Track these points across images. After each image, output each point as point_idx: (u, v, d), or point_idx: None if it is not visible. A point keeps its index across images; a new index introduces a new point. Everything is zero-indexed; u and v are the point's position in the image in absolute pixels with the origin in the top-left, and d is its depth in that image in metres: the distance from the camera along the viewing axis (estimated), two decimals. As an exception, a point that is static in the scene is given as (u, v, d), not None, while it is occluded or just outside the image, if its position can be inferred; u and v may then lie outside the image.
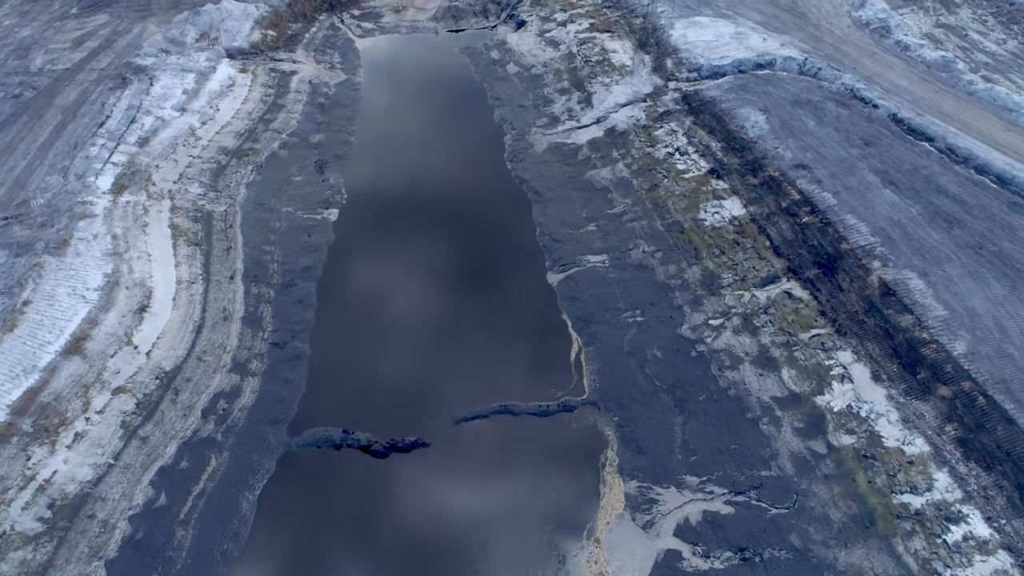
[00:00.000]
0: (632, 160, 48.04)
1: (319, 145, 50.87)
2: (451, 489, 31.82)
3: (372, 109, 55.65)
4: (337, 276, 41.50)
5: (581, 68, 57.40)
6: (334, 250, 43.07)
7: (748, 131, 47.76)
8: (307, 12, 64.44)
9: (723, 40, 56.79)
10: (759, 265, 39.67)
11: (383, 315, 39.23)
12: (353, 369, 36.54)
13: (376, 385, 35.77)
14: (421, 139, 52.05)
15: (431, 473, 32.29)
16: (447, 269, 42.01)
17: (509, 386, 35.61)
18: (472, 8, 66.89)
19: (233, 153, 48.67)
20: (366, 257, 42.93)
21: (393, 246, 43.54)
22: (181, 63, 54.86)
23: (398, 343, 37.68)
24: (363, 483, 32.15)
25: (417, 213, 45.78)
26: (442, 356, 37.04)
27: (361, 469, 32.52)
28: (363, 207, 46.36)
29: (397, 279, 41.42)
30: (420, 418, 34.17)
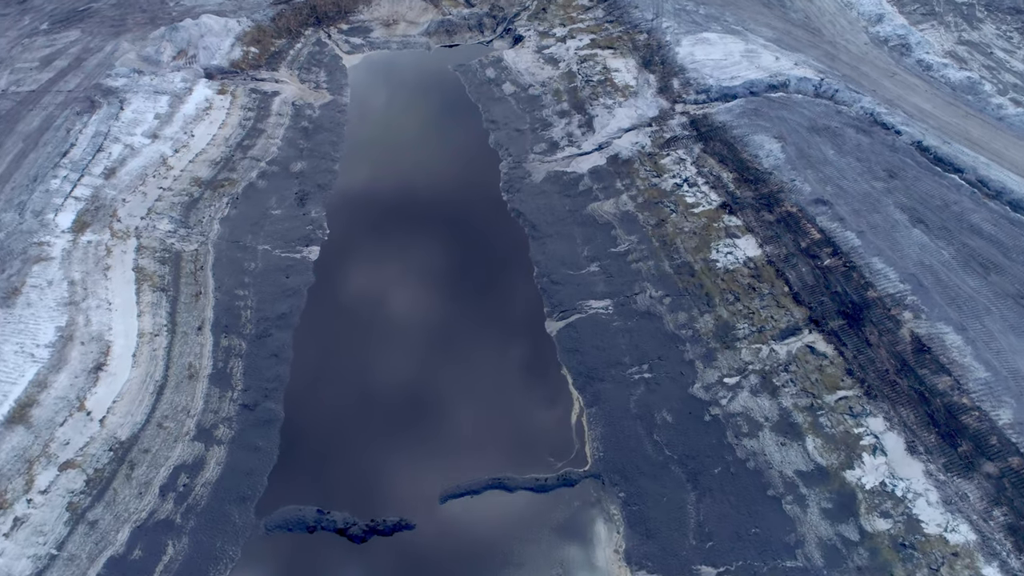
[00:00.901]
0: (637, 192, 44.56)
1: (301, 174, 47.37)
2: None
3: (359, 133, 52.16)
4: (316, 324, 38.01)
5: (582, 88, 53.93)
6: (314, 294, 39.56)
7: (762, 161, 44.30)
8: (292, 27, 60.96)
9: (733, 59, 53.33)
10: (778, 314, 36.21)
11: (364, 371, 35.75)
12: (330, 435, 33.05)
13: (355, 454, 32.31)
14: (410, 167, 48.56)
15: (415, 561, 28.82)
16: (436, 317, 38.54)
17: (503, 455, 32.15)
18: (467, 22, 63.41)
19: (207, 184, 45.17)
20: (348, 302, 39.46)
21: (377, 289, 40.08)
22: (155, 84, 51.36)
23: (381, 404, 34.20)
24: (339, 573, 28.69)
25: (404, 251, 42.32)
26: (429, 419, 33.57)
27: (337, 556, 29.05)
28: (346, 244, 42.88)
29: (381, 328, 37.96)
30: (403, 494, 30.70)
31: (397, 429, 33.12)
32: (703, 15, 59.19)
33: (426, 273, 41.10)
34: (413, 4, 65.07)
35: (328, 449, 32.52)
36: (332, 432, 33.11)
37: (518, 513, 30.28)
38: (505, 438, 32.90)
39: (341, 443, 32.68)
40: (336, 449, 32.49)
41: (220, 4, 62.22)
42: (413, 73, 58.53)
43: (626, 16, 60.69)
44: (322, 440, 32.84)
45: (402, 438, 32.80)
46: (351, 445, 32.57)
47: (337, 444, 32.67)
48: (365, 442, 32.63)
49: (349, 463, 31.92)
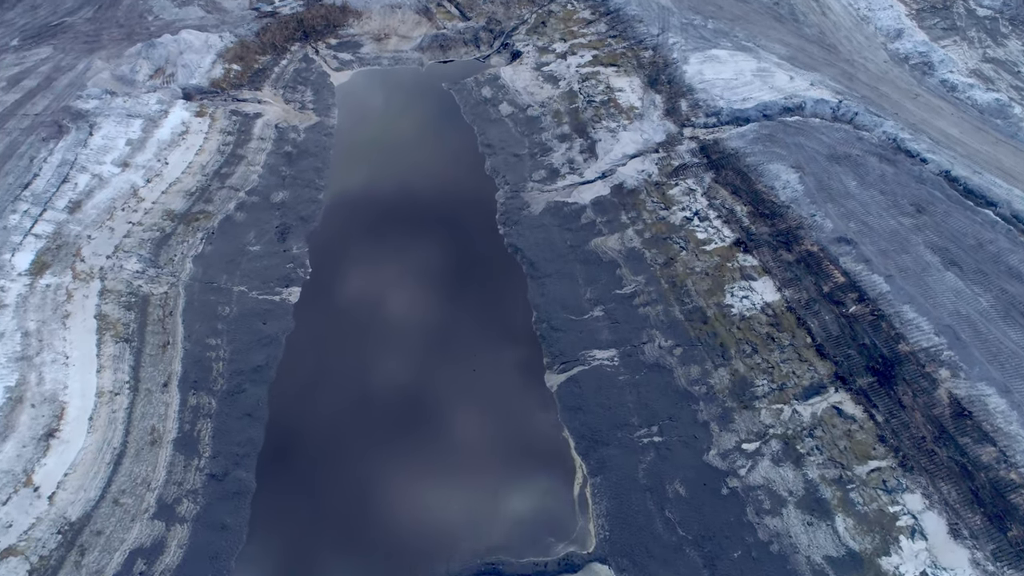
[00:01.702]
0: (644, 226, 41.35)
1: (282, 205, 44.14)
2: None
3: (346, 158, 48.93)
4: (294, 377, 34.79)
5: (584, 110, 50.70)
6: (292, 342, 36.35)
7: (779, 193, 41.08)
8: (278, 42, 57.73)
9: (744, 78, 50.11)
10: (800, 369, 32.99)
11: (346, 432, 32.53)
12: (307, 508, 29.83)
13: (334, 531, 29.08)
14: (400, 196, 45.34)
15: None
16: (426, 371, 35.29)
17: (498, 534, 28.94)
18: (462, 36, 60.19)
19: (181, 218, 41.94)
20: (329, 352, 36.21)
21: (361, 337, 36.83)
22: (128, 107, 48.12)
23: (364, 473, 30.98)
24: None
25: (391, 293, 39.10)
26: (416, 491, 30.34)
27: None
28: (329, 284, 39.66)
29: (365, 383, 34.73)
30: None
31: (381, 503, 29.91)
32: (712, 30, 55.98)
33: (415, 320, 37.86)
34: (406, 17, 61.86)
35: (304, 525, 29.30)
36: (309, 505, 29.90)
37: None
38: (500, 514, 29.67)
39: (319, 518, 29.46)
40: (313, 525, 29.27)
41: (202, 18, 59.01)
42: (405, 92, 55.32)
43: (630, 31, 57.47)
44: (298, 515, 29.63)
45: (386, 514, 29.58)
46: (330, 521, 29.35)
47: (314, 519, 29.46)
48: (346, 518, 29.42)
49: (327, 543, 28.70)
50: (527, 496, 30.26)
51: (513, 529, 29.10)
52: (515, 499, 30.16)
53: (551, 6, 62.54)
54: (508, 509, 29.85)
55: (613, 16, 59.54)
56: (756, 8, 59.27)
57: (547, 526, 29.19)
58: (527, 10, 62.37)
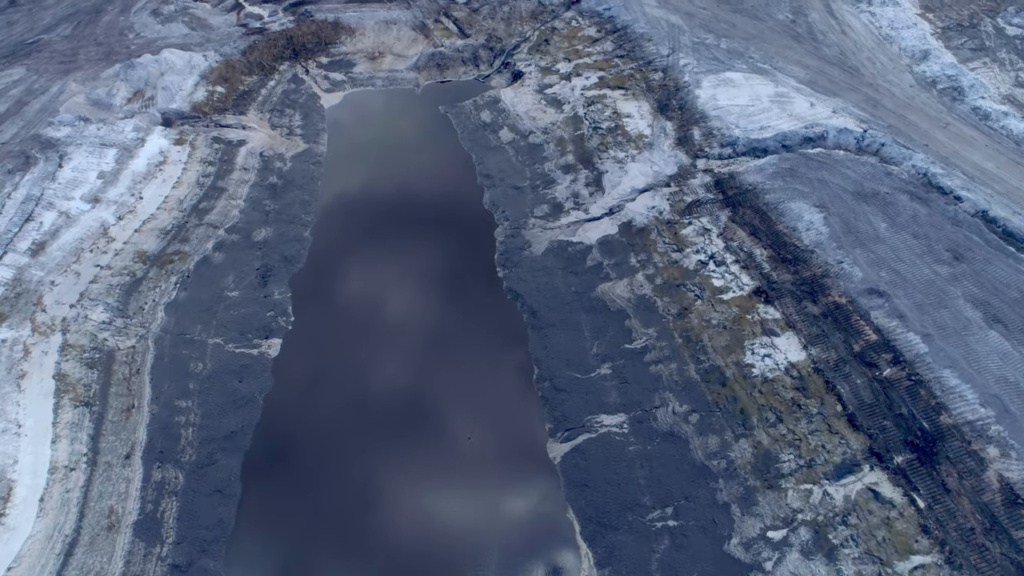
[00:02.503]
0: (655, 270, 38.14)
1: (265, 244, 40.97)
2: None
3: (334, 190, 45.76)
4: (271, 446, 31.64)
5: (589, 137, 47.50)
6: (271, 404, 33.19)
7: (801, 235, 37.85)
8: (265, 62, 54.58)
9: (761, 104, 46.86)
10: (830, 443, 29.76)
11: (327, 514, 29.35)
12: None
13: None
14: (391, 235, 42.16)
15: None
16: (415, 440, 32.08)
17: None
18: (460, 55, 56.99)
19: (154, 260, 38.80)
20: (309, 415, 33.03)
21: (344, 398, 33.65)
22: (102, 135, 45.00)
23: (347, 563, 27.80)
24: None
25: (379, 346, 35.90)
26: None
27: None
28: (312, 335, 36.48)
29: (347, 453, 31.56)
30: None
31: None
32: (725, 51, 52.73)
33: (405, 378, 34.67)
34: (401, 34, 58.72)
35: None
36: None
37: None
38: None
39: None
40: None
41: (185, 36, 55.93)
42: (399, 115, 52.14)
43: (638, 51, 54.24)
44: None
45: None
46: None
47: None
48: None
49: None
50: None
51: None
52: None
53: (554, 23, 59.37)
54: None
55: (620, 34, 56.34)
56: (772, 26, 56.03)
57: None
58: (529, 27, 59.20)
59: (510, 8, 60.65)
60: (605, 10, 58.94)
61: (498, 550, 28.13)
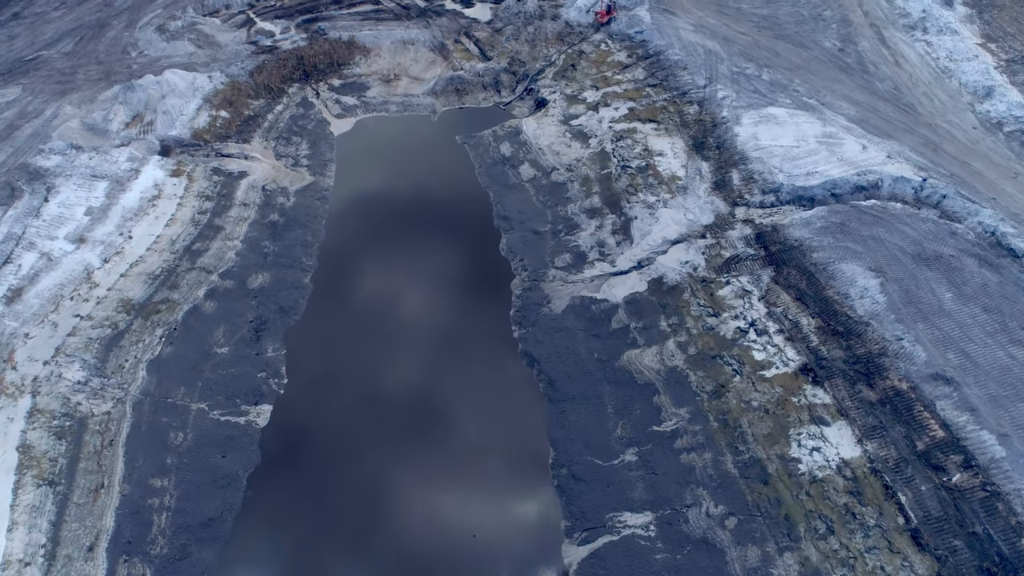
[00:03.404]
0: (688, 338, 34.25)
1: (261, 292, 37.65)
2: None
3: (340, 231, 42.30)
4: (253, 536, 28.24)
5: (617, 177, 43.65)
6: (256, 483, 29.81)
7: (855, 304, 33.75)
8: (274, 84, 51.35)
9: (808, 145, 42.72)
10: (891, 563, 25.71)
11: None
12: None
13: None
14: (397, 284, 38.69)
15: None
16: (416, 532, 28.47)
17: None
18: (480, 80, 53.37)
19: (139, 310, 35.64)
20: (299, 497, 29.60)
21: (339, 479, 30.15)
22: (93, 165, 42.00)
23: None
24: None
25: (379, 418, 32.38)
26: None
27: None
28: (306, 402, 33.05)
29: (341, 545, 28.07)
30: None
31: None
32: (767, 82, 48.61)
33: (408, 458, 31.09)
34: (418, 56, 55.26)
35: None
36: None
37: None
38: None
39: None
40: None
41: (191, 55, 52.92)
42: (413, 146, 48.58)
43: (672, 80, 50.26)
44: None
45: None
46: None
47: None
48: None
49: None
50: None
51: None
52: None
53: (582, 46, 55.57)
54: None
55: (653, 61, 52.39)
56: (818, 55, 51.77)
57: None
58: (555, 50, 55.44)
59: (535, 29, 56.95)
60: (637, 33, 55.02)
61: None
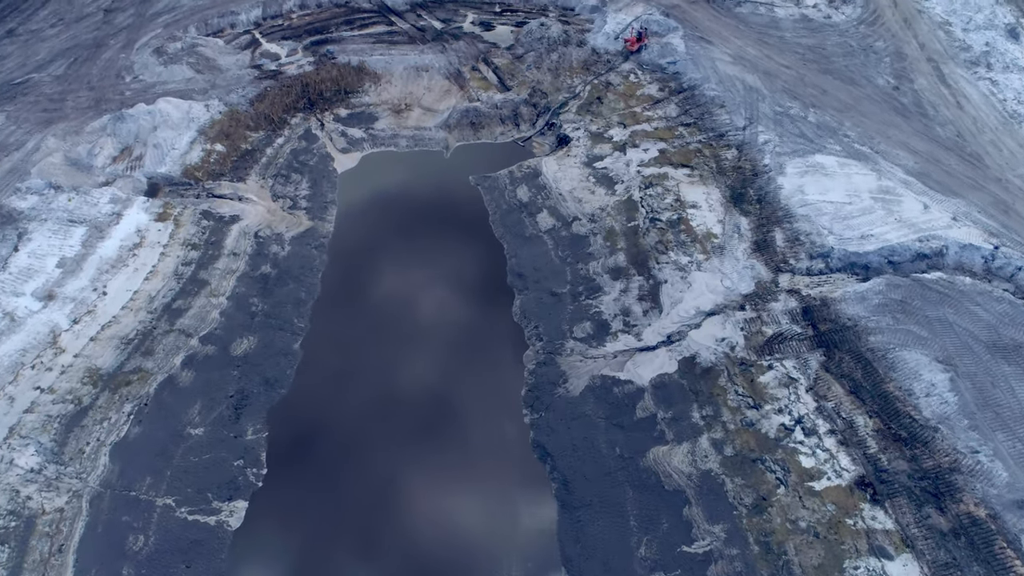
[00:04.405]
0: (724, 434, 29.87)
1: (245, 360, 33.83)
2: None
3: (337, 286, 38.34)
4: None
5: (645, 231, 39.30)
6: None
7: (920, 403, 29.15)
8: (275, 114, 47.58)
9: (861, 202, 38.10)
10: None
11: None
12: None
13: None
14: (396, 353, 34.66)
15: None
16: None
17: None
18: (498, 112, 49.21)
19: (107, 381, 31.96)
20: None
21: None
22: (71, 208, 38.53)
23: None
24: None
25: (368, 524, 28.38)
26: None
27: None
28: (287, 498, 29.13)
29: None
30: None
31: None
32: (814, 125, 43.96)
33: (400, 569, 27.10)
34: (432, 84, 51.24)
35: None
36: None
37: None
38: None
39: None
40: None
41: (189, 80, 49.35)
42: (422, 187, 44.51)
43: (708, 119, 45.76)
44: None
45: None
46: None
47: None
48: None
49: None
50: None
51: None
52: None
53: (609, 76, 51.20)
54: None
55: (687, 96, 47.92)
56: (870, 94, 46.97)
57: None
58: (580, 79, 51.14)
59: (559, 56, 52.68)
60: (669, 64, 50.56)
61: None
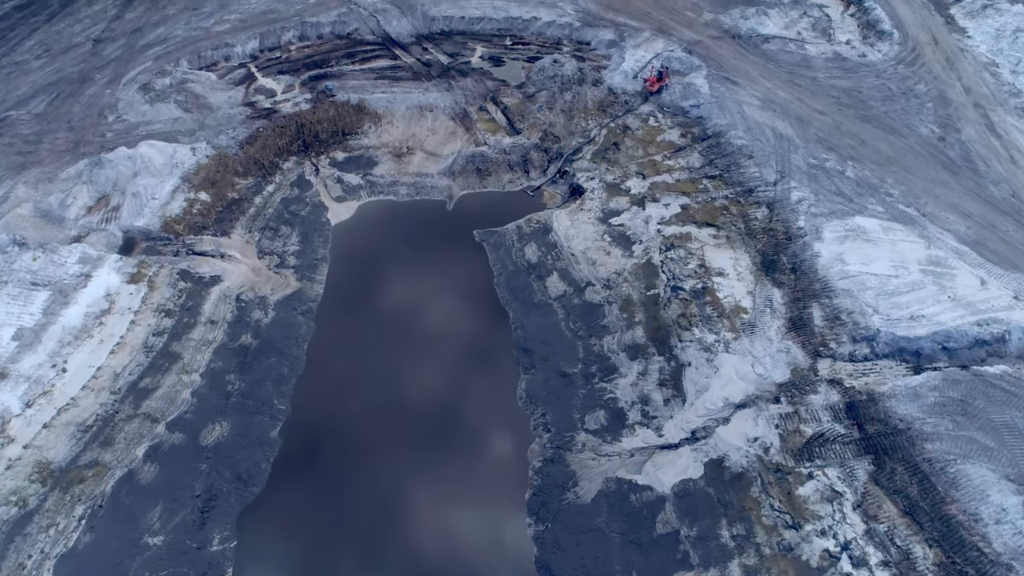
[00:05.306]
0: (759, 560, 25.83)
1: (216, 450, 30.14)
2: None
3: (324, 360, 34.59)
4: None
5: (666, 302, 35.40)
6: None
7: (988, 532, 25.02)
8: (267, 159, 44.11)
9: (909, 275, 34.06)
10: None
11: None
12: None
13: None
14: (387, 443, 30.89)
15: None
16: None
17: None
18: (507, 158, 45.54)
19: (59, 477, 28.37)
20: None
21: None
22: (36, 269, 35.12)
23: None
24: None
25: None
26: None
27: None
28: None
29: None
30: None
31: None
32: (853, 180, 39.98)
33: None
34: (437, 125, 47.66)
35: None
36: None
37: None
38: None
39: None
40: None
41: (176, 120, 45.99)
42: (422, 242, 40.78)
43: (735, 171, 41.87)
44: None
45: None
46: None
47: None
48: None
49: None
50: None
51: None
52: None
53: (627, 118, 47.42)
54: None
55: (711, 144, 44.07)
56: (913, 145, 42.94)
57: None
58: (595, 122, 47.42)
59: (573, 96, 49.02)
60: (692, 107, 46.76)
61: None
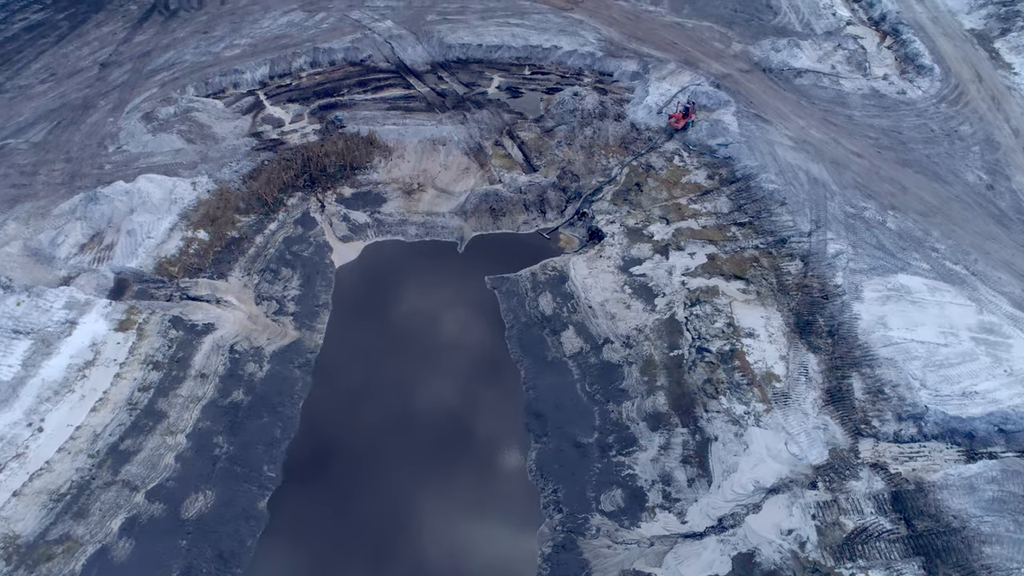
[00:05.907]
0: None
1: (197, 525, 27.73)
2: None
3: (320, 420, 32.19)
4: None
5: (691, 366, 32.62)
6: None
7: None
8: (270, 195, 41.97)
9: (960, 344, 31.03)
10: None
11: None
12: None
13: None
14: (386, 521, 28.34)
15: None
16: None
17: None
18: (523, 197, 43.06)
19: (24, 555, 26.07)
20: None
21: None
22: (19, 316, 33.07)
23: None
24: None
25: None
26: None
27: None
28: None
29: None
30: None
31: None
32: (895, 233, 37.05)
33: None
34: (449, 160, 45.35)
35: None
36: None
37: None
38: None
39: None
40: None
41: (178, 152, 44.07)
42: (430, 288, 38.43)
43: (766, 219, 39.08)
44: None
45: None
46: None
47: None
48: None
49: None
50: None
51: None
52: None
53: (650, 157, 44.85)
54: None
55: (740, 187, 41.34)
56: (959, 193, 39.93)
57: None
58: (616, 160, 44.87)
59: (594, 132, 46.51)
60: (720, 146, 44.09)
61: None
